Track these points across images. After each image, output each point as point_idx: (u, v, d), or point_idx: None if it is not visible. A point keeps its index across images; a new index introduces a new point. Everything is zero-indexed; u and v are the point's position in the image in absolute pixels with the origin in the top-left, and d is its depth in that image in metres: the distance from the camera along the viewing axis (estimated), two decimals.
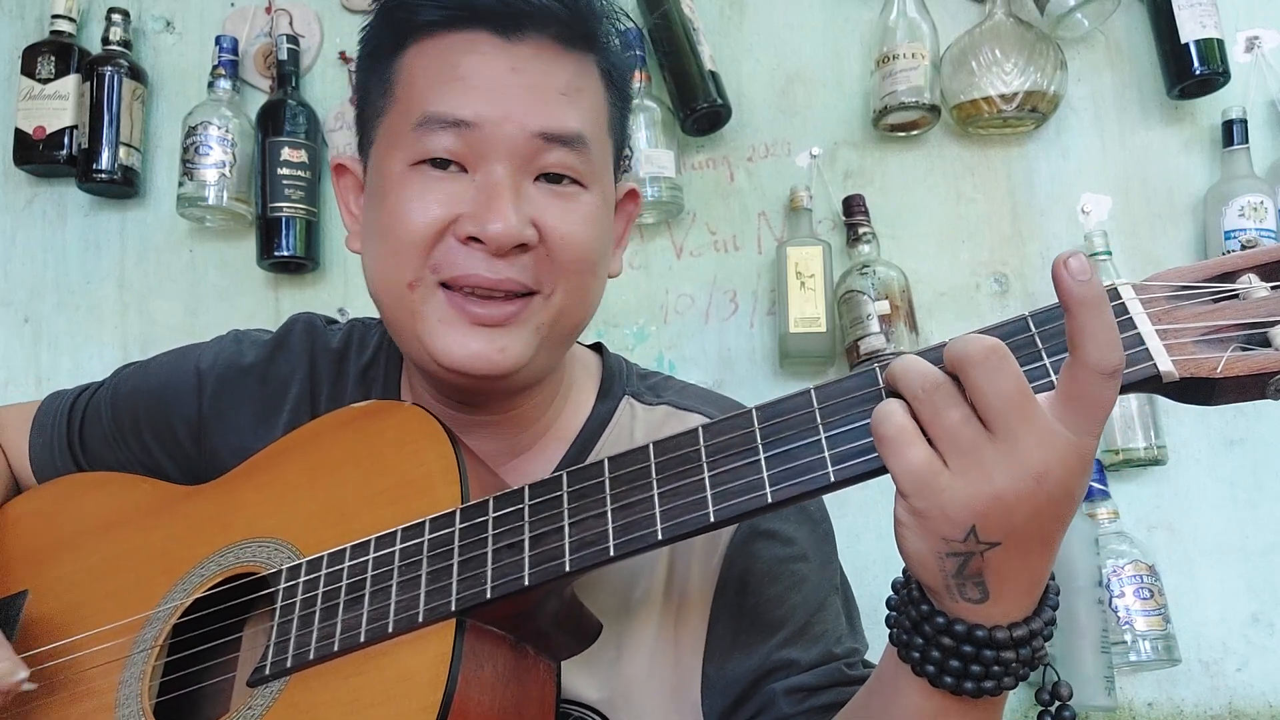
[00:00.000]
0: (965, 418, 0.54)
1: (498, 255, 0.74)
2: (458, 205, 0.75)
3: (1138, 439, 1.47)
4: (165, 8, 1.81)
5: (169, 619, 0.80)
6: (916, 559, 0.57)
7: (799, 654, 0.80)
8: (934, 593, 0.58)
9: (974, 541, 0.54)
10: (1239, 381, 0.54)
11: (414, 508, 0.72)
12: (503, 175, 0.74)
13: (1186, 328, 0.55)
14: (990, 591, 0.56)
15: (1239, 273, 0.57)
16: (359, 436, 0.80)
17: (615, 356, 0.95)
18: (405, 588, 0.68)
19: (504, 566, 0.66)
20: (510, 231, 0.73)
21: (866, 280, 1.51)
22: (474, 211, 0.74)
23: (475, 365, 0.75)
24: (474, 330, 0.75)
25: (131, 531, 0.89)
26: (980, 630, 0.57)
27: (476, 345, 0.75)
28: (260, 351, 0.95)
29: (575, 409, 0.90)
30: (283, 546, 0.77)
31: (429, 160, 0.75)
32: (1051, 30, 1.56)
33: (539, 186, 0.76)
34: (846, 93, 1.67)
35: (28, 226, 1.78)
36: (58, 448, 0.99)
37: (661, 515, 0.62)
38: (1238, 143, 1.51)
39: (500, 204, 0.73)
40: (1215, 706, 1.45)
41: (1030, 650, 0.59)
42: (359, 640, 0.68)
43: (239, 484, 0.86)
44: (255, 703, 0.71)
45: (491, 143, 0.74)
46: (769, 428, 0.61)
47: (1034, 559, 0.57)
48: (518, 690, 0.68)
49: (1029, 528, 0.54)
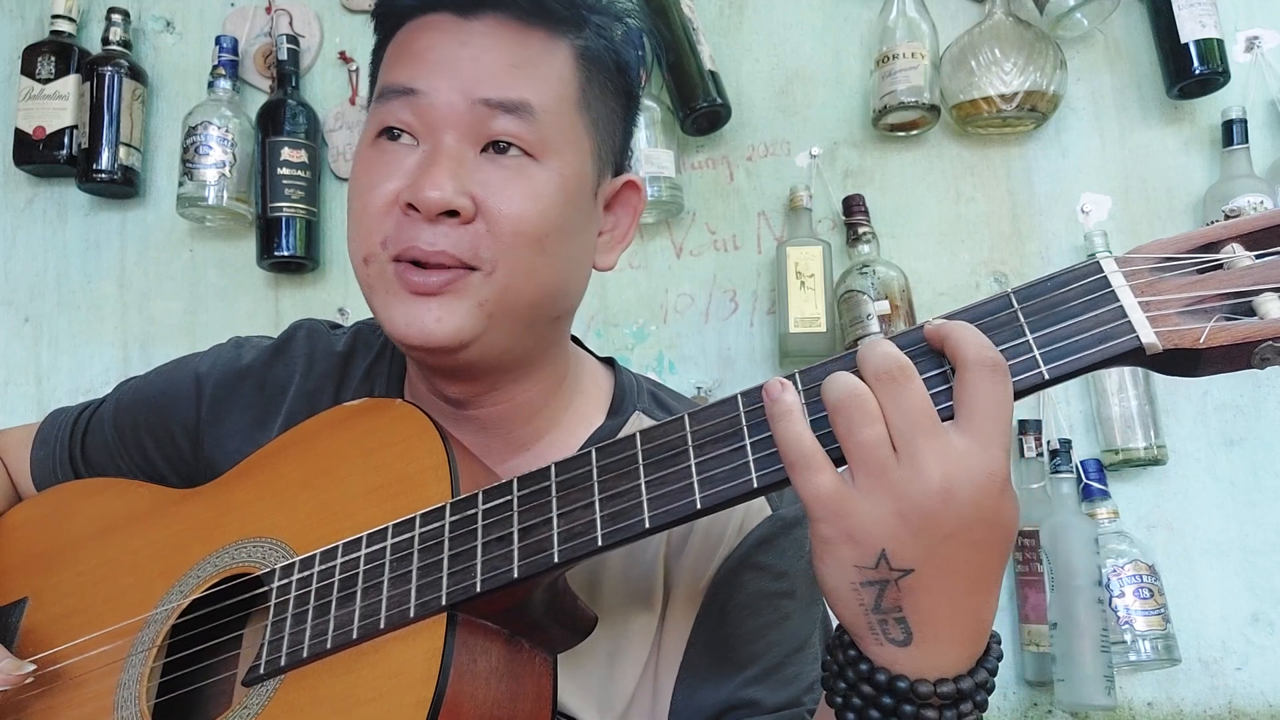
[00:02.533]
0: (879, 438, 0.53)
1: (430, 222, 0.73)
2: (406, 177, 0.75)
3: (1137, 439, 1.47)
4: (165, 8, 1.81)
5: (166, 620, 0.80)
6: (834, 593, 0.55)
7: (765, 694, 0.78)
8: (857, 635, 0.56)
9: (885, 568, 0.53)
10: (1224, 351, 0.53)
11: (406, 504, 0.72)
12: (447, 144, 0.74)
13: (1170, 299, 0.55)
14: (914, 633, 0.54)
15: (1223, 243, 0.56)
16: (351, 435, 0.80)
17: (628, 373, 0.94)
18: (396, 583, 0.69)
19: (493, 559, 0.66)
20: (443, 197, 0.72)
21: (866, 280, 1.52)
22: (412, 179, 0.74)
23: (410, 334, 0.74)
24: (412, 300, 0.74)
25: (129, 536, 0.89)
26: (901, 681, 0.54)
27: (414, 313, 0.74)
28: (259, 355, 0.95)
29: (581, 420, 0.89)
30: (277, 546, 0.78)
31: (385, 131, 0.76)
32: (1051, 30, 1.56)
33: (485, 157, 0.75)
34: (846, 92, 1.67)
35: (28, 226, 1.78)
36: (59, 461, 1.00)
37: (649, 504, 0.62)
38: (1237, 143, 1.51)
39: (436, 170, 0.73)
40: (1215, 706, 1.45)
41: (957, 714, 0.55)
42: (352, 637, 0.68)
43: (234, 485, 0.86)
44: (250, 702, 0.71)
45: (437, 110, 0.75)
46: (753, 412, 0.61)
47: (962, 597, 0.54)
48: (513, 684, 0.68)
49: (946, 555, 0.53)
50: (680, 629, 0.80)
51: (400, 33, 0.80)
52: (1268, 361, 0.53)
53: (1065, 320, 0.56)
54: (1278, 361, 0.53)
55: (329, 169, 1.73)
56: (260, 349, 0.96)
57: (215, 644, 0.81)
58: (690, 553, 0.82)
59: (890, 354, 0.54)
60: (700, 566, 0.81)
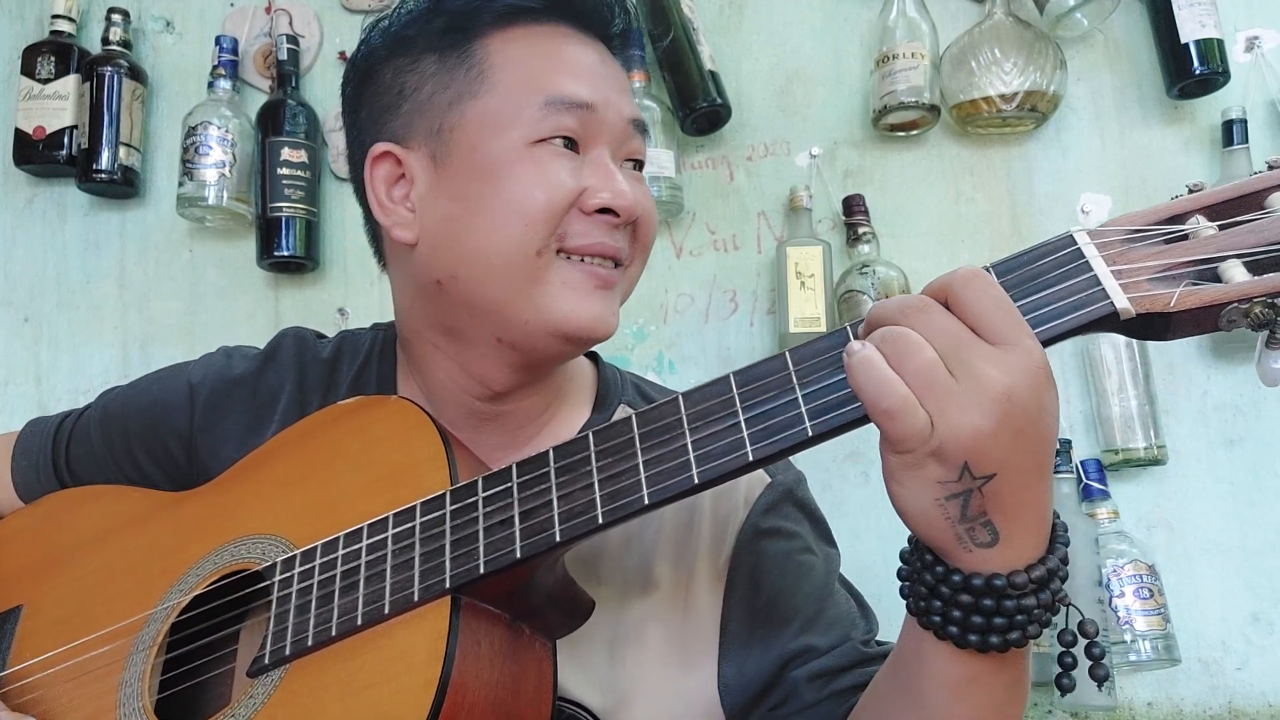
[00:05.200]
0: (934, 360, 0.55)
1: (618, 226, 0.81)
2: (580, 179, 0.80)
3: (1138, 439, 1.47)
4: (165, 8, 1.81)
5: (167, 618, 0.80)
6: (919, 515, 0.57)
7: (816, 639, 0.81)
8: (944, 549, 0.58)
9: (969, 478, 0.55)
10: (1193, 315, 0.56)
11: (404, 495, 0.73)
12: (608, 156, 0.82)
13: (1140, 267, 0.58)
14: (1000, 531, 0.57)
15: (1187, 215, 0.60)
16: (346, 431, 0.81)
17: (611, 367, 0.97)
18: (399, 569, 0.69)
19: (496, 542, 0.67)
20: (637, 203, 0.81)
21: (866, 280, 1.52)
22: (600, 185, 0.80)
23: (596, 327, 0.80)
24: (596, 294, 0.80)
25: (125, 539, 0.89)
26: (998, 579, 0.57)
27: (598, 308, 0.80)
28: (250, 364, 0.96)
29: (571, 413, 0.91)
30: (276, 542, 0.78)
31: (556, 138, 0.80)
32: (1051, 30, 1.56)
33: (627, 170, 0.84)
34: (846, 92, 1.67)
35: (28, 226, 1.78)
36: (43, 469, 0.99)
37: (647, 481, 0.64)
38: (1237, 143, 1.51)
39: (619, 180, 0.81)
40: (1215, 706, 1.45)
41: (1050, 593, 0.58)
42: (356, 623, 0.69)
43: (231, 485, 0.86)
44: (256, 692, 0.71)
45: (602, 125, 0.81)
46: (746, 391, 0.63)
47: (1033, 487, 0.57)
48: (515, 667, 0.69)
49: (1018, 452, 0.55)
50: (709, 612, 0.83)
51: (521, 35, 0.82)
52: (1234, 324, 0.56)
53: (1042, 290, 0.59)
54: (1243, 324, 0.56)
55: (329, 169, 1.73)
56: (250, 357, 0.97)
57: (216, 639, 0.81)
58: (702, 535, 0.84)
59: (901, 297, 0.59)
60: (716, 546, 0.84)
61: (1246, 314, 0.56)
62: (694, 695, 0.81)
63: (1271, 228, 0.57)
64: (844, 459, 1.52)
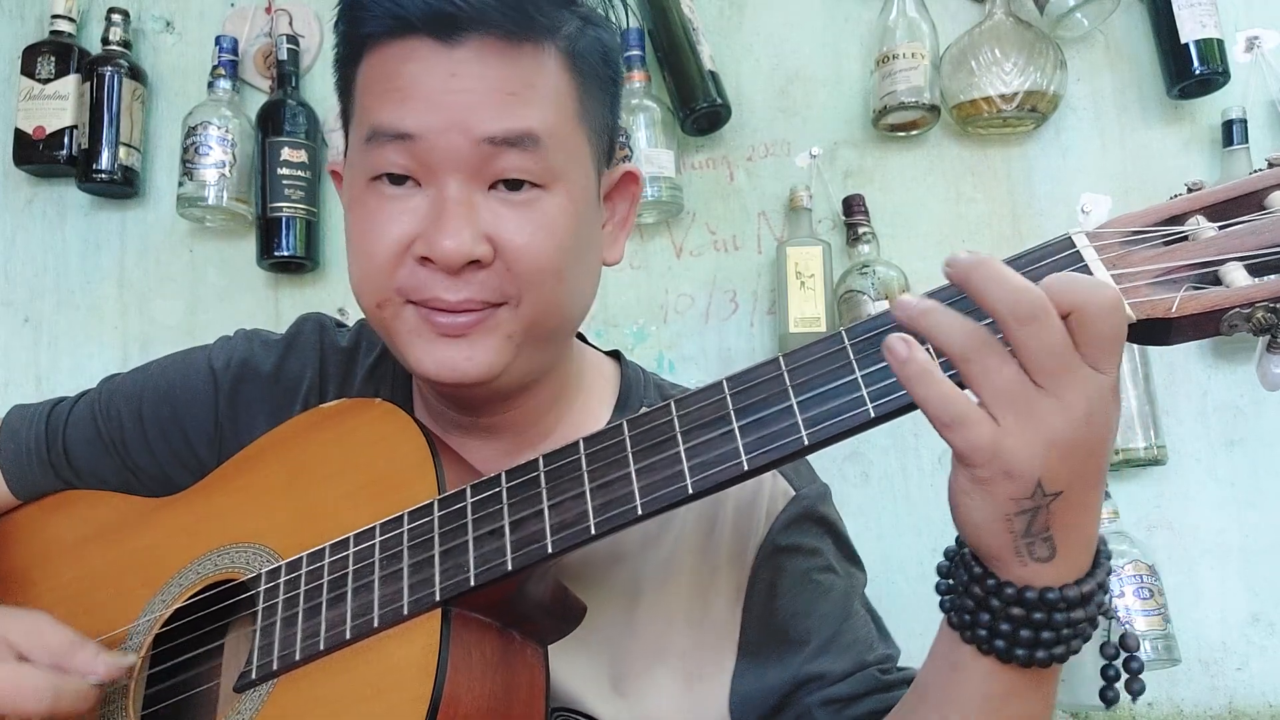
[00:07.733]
0: (1017, 374, 0.54)
1: (452, 274, 0.72)
2: (414, 223, 0.73)
3: (1138, 439, 1.47)
4: (165, 8, 1.81)
5: (150, 630, 0.79)
6: (982, 527, 0.57)
7: (830, 665, 0.79)
8: (998, 561, 0.57)
9: (1040, 495, 0.55)
10: (1194, 320, 0.56)
11: (391, 503, 0.72)
12: (453, 189, 0.72)
13: (1140, 270, 0.57)
14: (1058, 547, 0.56)
15: (1187, 215, 0.59)
16: (331, 436, 0.79)
17: (634, 366, 0.93)
18: (388, 581, 0.68)
19: (486, 553, 0.66)
20: (461, 249, 0.71)
21: (866, 280, 1.51)
22: (424, 230, 0.72)
23: (442, 373, 0.74)
24: (441, 341, 0.74)
25: (105, 546, 0.87)
26: (1051, 592, 0.57)
27: (444, 354, 0.74)
28: (271, 349, 0.93)
29: (589, 415, 0.88)
30: (261, 551, 0.77)
31: (385, 175, 0.74)
32: (1051, 30, 1.56)
33: (495, 195, 0.73)
34: (846, 93, 1.67)
35: (28, 226, 1.78)
36: (35, 455, 0.94)
37: (640, 491, 0.63)
38: (1238, 143, 1.51)
39: (447, 221, 0.71)
40: (1215, 706, 1.45)
41: (1095, 606, 0.58)
42: (345, 637, 0.68)
43: (213, 491, 0.85)
44: (243, 708, 0.70)
45: (438, 154, 0.71)
46: (740, 395, 0.62)
47: (1090, 504, 0.57)
48: (507, 675, 0.68)
49: (1087, 471, 0.55)
50: (725, 624, 0.81)
51: (373, 57, 0.75)
52: (1235, 328, 0.56)
53: None
54: (1245, 328, 0.55)
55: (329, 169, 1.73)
56: (272, 344, 0.94)
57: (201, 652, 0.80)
58: (722, 547, 0.82)
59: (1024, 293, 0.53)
60: (736, 560, 0.82)
61: (1248, 319, 0.55)
62: (706, 709, 0.79)
63: (1272, 228, 0.56)
64: (844, 459, 1.52)
